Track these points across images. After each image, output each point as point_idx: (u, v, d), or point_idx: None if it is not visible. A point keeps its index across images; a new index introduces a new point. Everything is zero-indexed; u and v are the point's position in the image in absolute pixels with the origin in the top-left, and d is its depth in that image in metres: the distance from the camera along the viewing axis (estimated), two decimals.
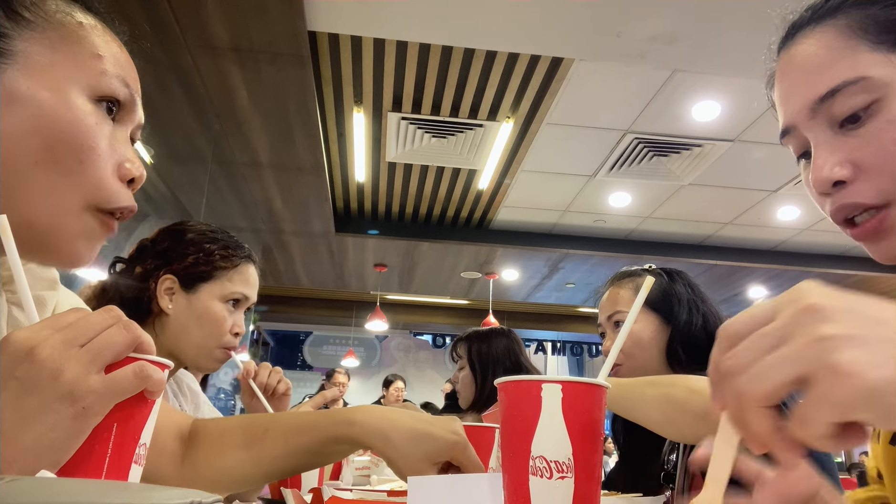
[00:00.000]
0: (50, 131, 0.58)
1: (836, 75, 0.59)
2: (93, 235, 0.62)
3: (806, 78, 0.61)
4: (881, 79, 0.57)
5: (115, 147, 0.63)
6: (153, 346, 0.51)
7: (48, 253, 0.62)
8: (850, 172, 0.58)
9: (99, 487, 0.24)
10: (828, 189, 0.60)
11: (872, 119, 0.57)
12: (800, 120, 0.62)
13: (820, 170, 0.59)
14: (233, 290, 1.31)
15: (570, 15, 3.09)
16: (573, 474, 0.53)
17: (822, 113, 0.60)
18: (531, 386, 0.55)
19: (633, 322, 0.63)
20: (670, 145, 4.45)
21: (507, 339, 2.37)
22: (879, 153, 0.57)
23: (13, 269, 0.49)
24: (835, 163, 0.59)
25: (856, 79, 0.58)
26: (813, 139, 0.61)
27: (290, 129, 4.16)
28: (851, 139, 0.58)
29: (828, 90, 0.59)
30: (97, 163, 0.60)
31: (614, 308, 1.38)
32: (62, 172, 0.59)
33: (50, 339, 0.46)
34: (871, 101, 0.57)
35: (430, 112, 4.14)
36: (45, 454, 0.44)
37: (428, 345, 10.58)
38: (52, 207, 0.59)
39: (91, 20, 0.64)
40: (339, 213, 5.99)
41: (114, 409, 0.47)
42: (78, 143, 0.59)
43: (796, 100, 0.62)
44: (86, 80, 0.60)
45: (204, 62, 3.46)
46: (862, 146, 0.58)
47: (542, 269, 7.19)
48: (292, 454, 0.78)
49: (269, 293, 8.16)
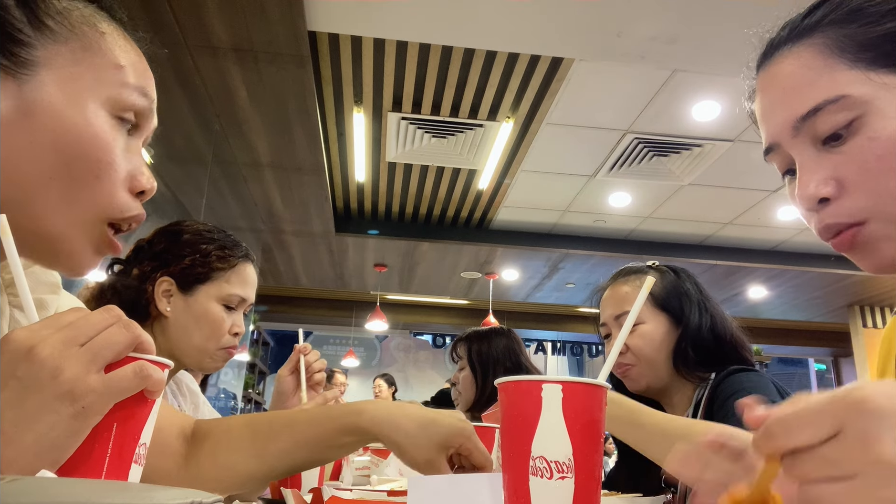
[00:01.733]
0: (68, 147, 0.57)
1: (816, 95, 0.60)
2: (101, 246, 0.63)
3: (787, 97, 0.63)
4: (860, 97, 0.58)
5: (130, 158, 0.63)
6: (153, 346, 0.51)
7: (56, 260, 0.62)
8: (835, 190, 0.60)
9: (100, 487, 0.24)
10: (813, 206, 0.62)
11: (854, 137, 0.59)
12: (783, 138, 0.64)
13: (805, 187, 0.61)
14: (230, 292, 1.31)
15: (570, 15, 3.09)
16: (573, 475, 0.53)
17: (805, 131, 0.61)
18: (532, 386, 0.55)
19: (634, 321, 0.62)
20: (670, 145, 4.45)
21: (507, 338, 2.36)
22: (862, 170, 0.58)
23: (13, 270, 0.49)
24: (819, 180, 0.60)
25: (836, 97, 0.59)
26: (797, 156, 0.63)
27: (290, 129, 4.16)
28: (834, 156, 0.60)
29: (809, 109, 0.60)
30: (112, 177, 0.60)
31: (621, 307, 1.33)
32: (78, 188, 0.59)
33: (50, 339, 0.46)
34: (851, 119, 0.59)
35: (430, 112, 4.14)
36: (44, 453, 0.44)
37: (428, 345, 10.58)
38: (65, 220, 0.59)
39: (113, 28, 0.63)
40: (339, 213, 5.99)
41: (113, 408, 0.47)
42: (96, 159, 0.59)
43: (778, 118, 0.64)
44: (106, 93, 0.60)
45: (204, 62, 3.46)
46: (845, 163, 0.59)
47: (542, 269, 7.19)
48: (299, 447, 0.78)
49: (269, 293, 8.16)
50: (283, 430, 0.78)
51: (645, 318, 1.31)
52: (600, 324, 1.40)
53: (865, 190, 0.59)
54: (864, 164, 0.58)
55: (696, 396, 1.27)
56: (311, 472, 1.25)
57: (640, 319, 1.31)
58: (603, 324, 1.39)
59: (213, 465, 0.79)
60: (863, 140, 0.58)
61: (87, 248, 0.62)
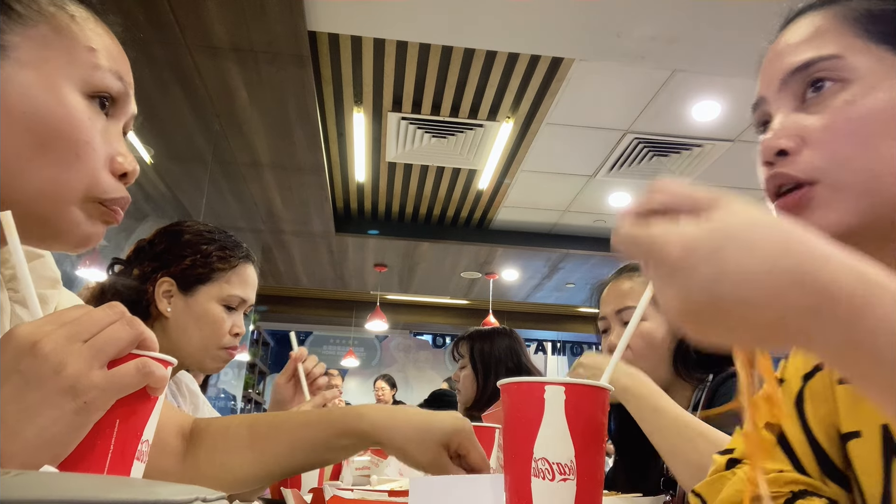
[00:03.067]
0: (44, 128, 0.57)
1: (813, 51, 0.59)
2: (95, 219, 0.63)
3: (787, 50, 0.62)
4: (853, 62, 0.57)
5: (109, 141, 0.63)
6: (156, 343, 0.51)
7: (55, 239, 0.62)
8: (795, 145, 0.58)
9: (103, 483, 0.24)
10: (771, 158, 0.60)
11: (834, 99, 0.57)
12: (769, 91, 0.63)
13: (768, 138, 0.60)
14: (231, 293, 1.31)
15: (570, 15, 3.09)
16: (575, 476, 0.53)
17: (792, 86, 0.60)
18: (534, 387, 0.55)
19: (639, 319, 0.62)
20: (670, 145, 4.45)
21: (509, 338, 2.35)
22: (827, 130, 0.57)
23: (17, 266, 0.49)
24: (783, 133, 0.59)
25: (830, 56, 0.58)
26: (775, 112, 0.62)
27: (290, 129, 4.16)
28: (809, 116, 0.58)
29: (802, 62, 0.59)
30: (92, 156, 0.60)
31: (623, 303, 1.32)
32: (61, 167, 0.59)
33: (53, 334, 0.46)
34: (839, 81, 0.57)
35: (430, 112, 4.14)
36: (46, 448, 0.44)
37: (428, 345, 10.58)
38: (52, 200, 0.59)
39: (83, 12, 0.63)
40: (339, 213, 5.99)
41: (116, 405, 0.47)
42: (73, 138, 0.59)
43: (772, 72, 0.63)
44: (79, 75, 0.60)
45: (204, 62, 3.46)
46: (815, 122, 0.58)
47: (542, 269, 7.19)
48: (298, 449, 0.78)
49: (269, 293, 8.15)
50: (281, 432, 0.78)
51: (646, 316, 1.31)
52: (600, 317, 1.39)
53: (824, 150, 0.57)
54: (831, 125, 0.56)
55: (695, 398, 1.26)
56: (311, 472, 1.25)
57: (642, 317, 1.30)
58: (603, 317, 1.38)
59: (210, 464, 0.79)
60: (839, 102, 0.57)
61: (80, 224, 0.61)
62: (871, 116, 0.55)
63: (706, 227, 0.39)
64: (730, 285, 0.37)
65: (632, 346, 1.29)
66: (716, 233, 0.39)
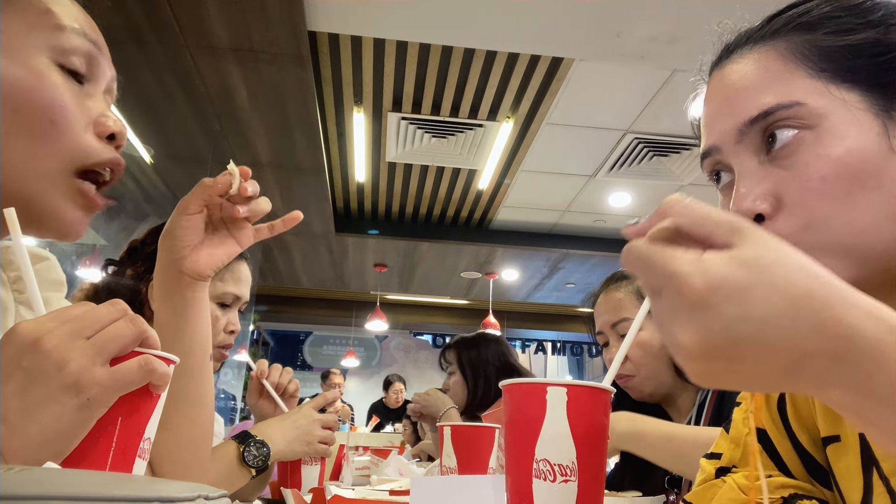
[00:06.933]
0: (12, 98, 0.56)
1: (769, 98, 0.55)
2: (78, 200, 0.61)
3: (738, 96, 0.58)
4: (816, 108, 0.53)
5: (87, 104, 0.61)
6: (158, 341, 0.51)
7: (41, 224, 0.60)
8: (771, 208, 0.54)
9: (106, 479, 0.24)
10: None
11: (802, 151, 0.53)
12: (725, 142, 0.58)
13: (742, 201, 0.55)
14: (224, 291, 1.30)
15: (570, 15, 3.10)
16: (577, 478, 0.53)
17: (751, 137, 0.56)
18: (536, 389, 0.55)
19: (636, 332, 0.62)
20: (670, 145, 4.45)
21: (494, 343, 2.42)
22: (802, 190, 0.53)
23: (21, 264, 0.49)
24: (757, 195, 0.55)
25: (790, 103, 0.54)
26: (737, 166, 0.57)
27: (290, 129, 4.16)
28: (777, 171, 0.55)
29: (759, 112, 0.55)
30: (69, 119, 0.58)
31: (618, 315, 1.31)
32: (36, 137, 0.57)
33: (56, 331, 0.46)
34: (803, 129, 0.53)
35: (430, 112, 4.14)
36: (49, 444, 0.44)
37: (428, 345, 10.58)
38: (32, 175, 0.57)
39: None
40: (339, 213, 5.99)
41: (118, 402, 0.47)
42: (46, 103, 0.57)
43: (725, 120, 0.58)
44: (42, 40, 0.58)
45: (204, 62, 3.46)
46: (787, 180, 0.54)
47: (542, 269, 7.19)
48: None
49: (269, 293, 8.15)
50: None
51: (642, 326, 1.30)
52: (597, 332, 1.38)
53: (800, 212, 0.53)
54: (805, 183, 0.52)
55: (699, 399, 1.26)
56: (311, 471, 1.25)
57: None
58: (600, 332, 1.37)
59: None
60: (810, 156, 0.53)
61: (64, 205, 0.60)
62: (845, 170, 0.51)
63: (734, 264, 0.36)
64: (753, 328, 0.35)
65: (631, 357, 1.29)
66: (744, 271, 0.36)
